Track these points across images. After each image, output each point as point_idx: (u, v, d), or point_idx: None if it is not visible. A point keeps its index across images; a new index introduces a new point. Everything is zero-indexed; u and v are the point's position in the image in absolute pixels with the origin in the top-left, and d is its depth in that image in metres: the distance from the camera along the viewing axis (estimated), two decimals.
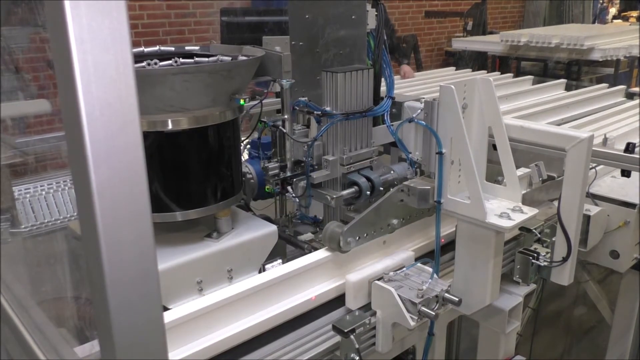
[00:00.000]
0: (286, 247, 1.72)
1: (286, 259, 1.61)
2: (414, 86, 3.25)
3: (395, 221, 1.53)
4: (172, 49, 1.67)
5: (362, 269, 1.46)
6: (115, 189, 0.66)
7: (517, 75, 4.01)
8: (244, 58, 1.52)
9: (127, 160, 0.66)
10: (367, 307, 1.44)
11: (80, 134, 0.64)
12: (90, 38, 0.63)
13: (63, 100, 0.66)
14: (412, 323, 1.32)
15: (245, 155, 1.84)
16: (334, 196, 1.62)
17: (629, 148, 1.88)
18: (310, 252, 1.61)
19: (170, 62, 1.48)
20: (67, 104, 0.65)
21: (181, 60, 1.52)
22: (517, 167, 1.55)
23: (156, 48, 1.65)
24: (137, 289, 0.71)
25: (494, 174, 1.67)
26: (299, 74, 1.73)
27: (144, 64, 1.43)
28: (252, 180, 1.72)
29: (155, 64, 1.44)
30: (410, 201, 1.51)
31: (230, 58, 1.54)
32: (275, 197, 1.80)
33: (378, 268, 1.47)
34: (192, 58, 1.56)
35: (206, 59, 1.56)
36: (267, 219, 1.73)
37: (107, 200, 0.66)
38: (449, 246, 1.67)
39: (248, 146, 1.84)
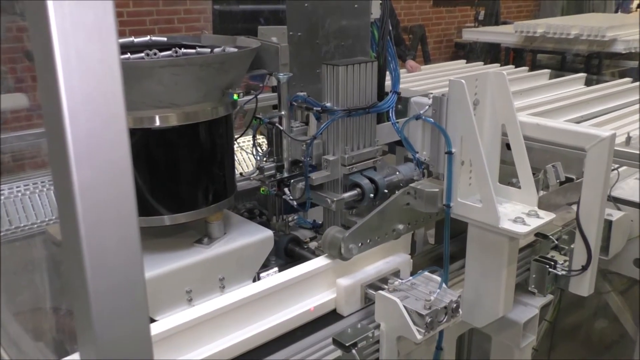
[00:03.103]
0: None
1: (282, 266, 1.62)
2: (421, 80, 3.25)
3: (400, 226, 1.53)
4: (165, 39, 1.68)
5: (354, 273, 1.47)
6: (99, 190, 0.66)
7: (532, 69, 4.02)
8: (238, 50, 1.52)
9: (112, 159, 0.67)
10: (360, 314, 1.44)
11: (62, 131, 0.64)
12: (73, 27, 0.63)
13: (43, 95, 0.66)
14: (419, 336, 1.32)
15: (239, 154, 1.84)
16: (335, 199, 1.62)
17: None
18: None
19: (170, 52, 1.48)
20: (47, 98, 0.65)
21: (183, 50, 1.53)
22: (533, 168, 1.56)
23: (147, 38, 1.65)
24: (122, 298, 0.71)
25: (508, 176, 1.67)
26: (297, 67, 1.74)
27: (142, 54, 1.44)
28: None
29: (155, 54, 1.45)
30: (417, 205, 1.51)
31: (223, 49, 1.54)
32: (270, 199, 1.80)
33: (371, 272, 1.48)
34: (195, 49, 1.56)
35: (193, 51, 1.56)
36: (263, 223, 1.73)
37: (90, 203, 0.66)
38: (459, 254, 1.67)
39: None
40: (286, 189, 1.67)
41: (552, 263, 1.71)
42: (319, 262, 1.45)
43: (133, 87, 1.27)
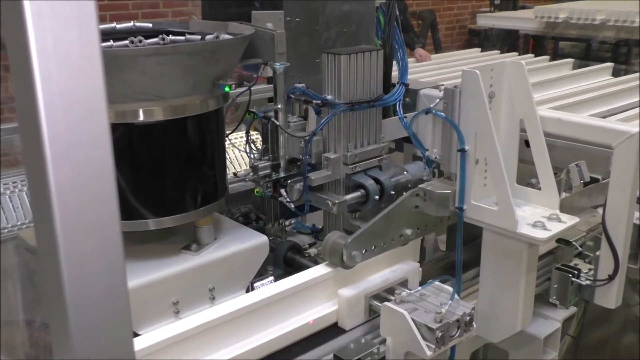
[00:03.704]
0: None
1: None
2: (431, 71, 3.25)
3: (408, 231, 1.53)
4: (150, 25, 1.68)
5: (358, 283, 1.47)
6: (78, 192, 0.66)
7: (554, 58, 4.02)
8: (230, 37, 1.53)
9: (92, 158, 0.67)
10: (364, 328, 1.45)
11: (37, 126, 0.64)
12: (50, 12, 0.63)
13: (16, 86, 0.66)
14: (429, 352, 1.32)
15: (230, 153, 1.84)
16: (336, 201, 1.63)
17: None
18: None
19: (156, 40, 1.48)
20: (21, 90, 0.65)
21: (171, 38, 1.53)
22: (554, 167, 1.56)
23: (130, 24, 1.65)
24: (103, 310, 0.71)
25: (527, 176, 1.68)
26: (294, 56, 1.74)
27: (127, 42, 1.44)
28: None
29: (140, 42, 1.45)
30: (426, 207, 1.51)
31: (216, 36, 1.54)
32: (266, 202, 1.80)
33: (376, 281, 1.49)
34: (183, 36, 1.56)
35: (182, 38, 1.57)
36: (259, 228, 1.73)
37: (69, 205, 0.66)
38: (472, 261, 1.67)
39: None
40: (282, 190, 1.67)
41: (576, 272, 1.71)
42: (318, 270, 1.46)
43: (115, 78, 1.27)
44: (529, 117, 1.53)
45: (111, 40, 1.46)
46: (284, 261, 1.68)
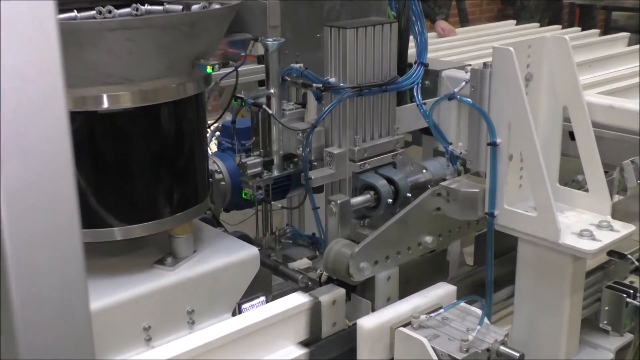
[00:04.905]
0: (272, 278, 1.73)
1: (272, 295, 1.62)
2: (456, 48, 3.25)
3: (428, 238, 1.54)
4: None
5: (382, 311, 1.47)
6: (30, 193, 0.67)
7: (605, 32, 4.02)
8: (214, 7, 1.53)
9: (47, 153, 0.67)
10: None
11: None
12: None
13: None
14: None
15: (213, 147, 1.84)
16: (338, 200, 1.62)
17: None
18: (307, 285, 1.62)
19: (129, 10, 1.48)
20: None
21: (147, 7, 1.52)
22: (605, 164, 1.56)
23: None
24: (61, 336, 0.72)
25: (571, 174, 1.68)
26: (291, 29, 1.74)
27: (94, 12, 1.44)
28: (222, 183, 1.73)
29: (110, 12, 1.45)
30: (450, 210, 1.52)
31: (203, 7, 1.54)
32: (256, 206, 1.81)
33: (404, 309, 1.48)
34: (162, 5, 1.56)
35: (160, 8, 1.57)
36: (245, 238, 1.73)
37: (18, 209, 0.67)
38: (506, 278, 1.68)
39: (217, 133, 1.85)
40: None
41: (631, 291, 1.71)
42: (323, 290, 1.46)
43: (74, 56, 1.28)
44: (574, 104, 1.53)
45: (75, 11, 1.46)
46: None
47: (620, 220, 1.50)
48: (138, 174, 1.44)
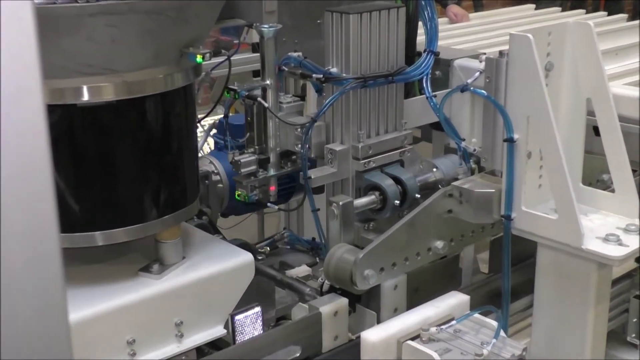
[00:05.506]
0: (275, 288, 1.72)
1: (275, 310, 1.62)
2: (469, 35, 3.25)
3: (439, 243, 1.54)
4: None
5: (388, 323, 1.47)
6: (2, 195, 0.67)
7: (633, 17, 4.01)
8: None
9: (22, 149, 0.67)
10: None
11: None
12: None
13: None
14: None
15: (210, 145, 1.84)
16: (340, 202, 1.62)
17: None
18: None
19: None
20: None
21: None
22: (633, 162, 1.56)
23: None
24: (37, 351, 0.72)
25: (596, 173, 1.68)
26: (288, 15, 1.75)
27: None
28: (220, 185, 1.73)
29: None
30: (463, 212, 1.52)
31: None
32: (261, 210, 1.80)
33: (413, 320, 1.48)
34: None
35: None
36: (243, 243, 1.73)
37: None
38: (524, 287, 1.68)
39: (214, 130, 1.85)
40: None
41: None
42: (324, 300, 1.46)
43: (51, 44, 1.28)
44: (598, 96, 1.53)
45: None
46: None
47: None
48: (121, 173, 1.45)
